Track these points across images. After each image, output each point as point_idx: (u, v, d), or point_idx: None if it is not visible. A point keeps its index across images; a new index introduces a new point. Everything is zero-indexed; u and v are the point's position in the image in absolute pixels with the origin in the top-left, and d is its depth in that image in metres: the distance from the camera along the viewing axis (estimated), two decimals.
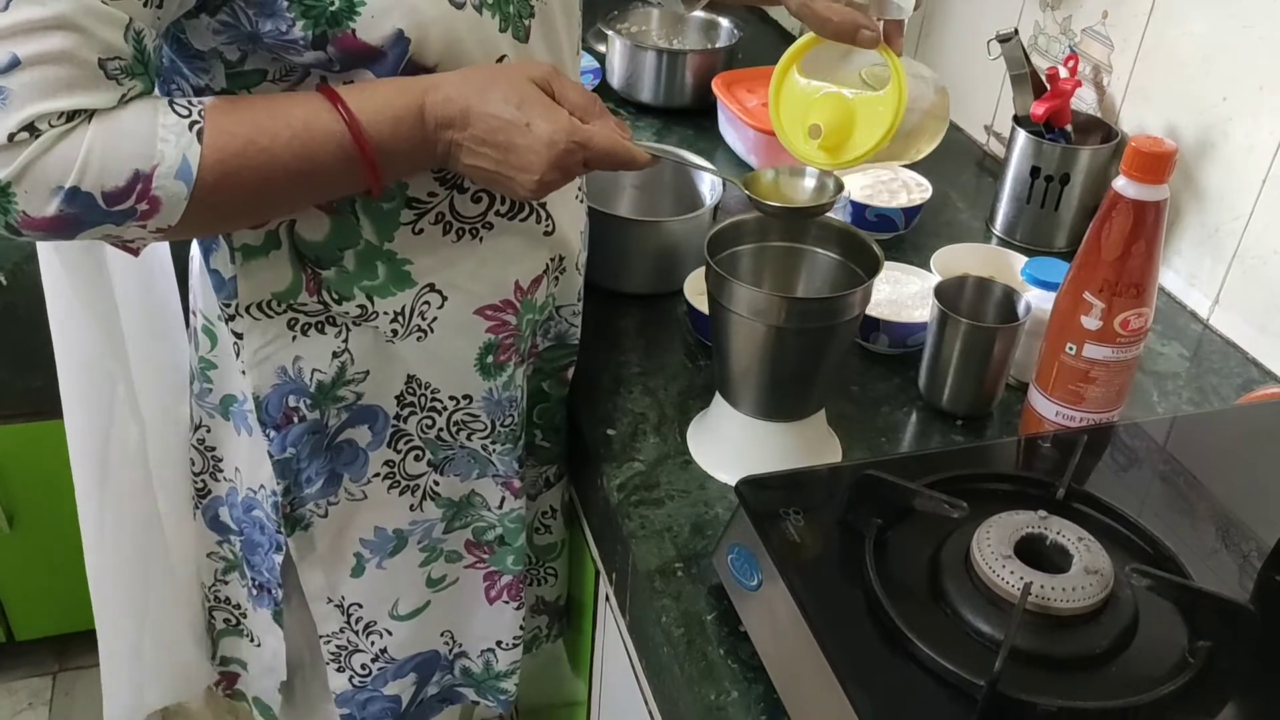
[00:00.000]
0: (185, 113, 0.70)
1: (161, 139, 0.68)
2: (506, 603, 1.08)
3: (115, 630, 1.11)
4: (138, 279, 1.00)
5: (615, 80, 1.63)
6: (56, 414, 1.01)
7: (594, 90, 1.61)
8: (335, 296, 0.87)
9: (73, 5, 0.64)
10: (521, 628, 1.11)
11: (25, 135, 0.64)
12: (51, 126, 0.65)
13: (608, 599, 1.06)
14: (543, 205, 0.90)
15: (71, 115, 0.66)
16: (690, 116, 1.60)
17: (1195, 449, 0.93)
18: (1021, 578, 0.70)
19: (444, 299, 0.89)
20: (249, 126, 0.72)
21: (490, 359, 0.93)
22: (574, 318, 1.02)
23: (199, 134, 0.69)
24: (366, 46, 0.74)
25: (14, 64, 0.64)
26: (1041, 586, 0.69)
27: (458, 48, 0.77)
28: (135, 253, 0.77)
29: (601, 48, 1.67)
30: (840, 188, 0.91)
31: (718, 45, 1.66)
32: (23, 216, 0.66)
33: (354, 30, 0.73)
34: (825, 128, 0.92)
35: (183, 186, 0.69)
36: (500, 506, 1.02)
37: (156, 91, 0.73)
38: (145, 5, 0.67)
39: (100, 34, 0.65)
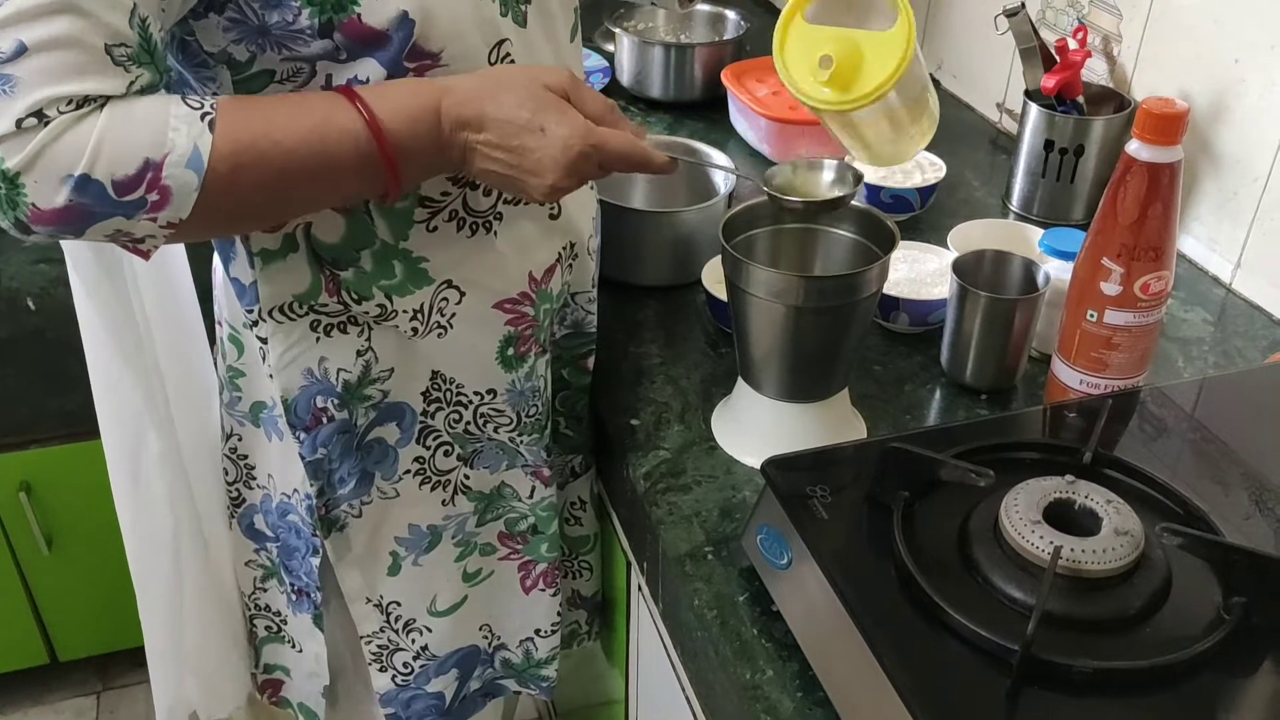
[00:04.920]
0: (198, 105, 0.70)
1: (173, 128, 0.68)
2: (543, 590, 1.09)
3: (159, 639, 1.12)
4: (158, 292, 1.00)
5: (625, 78, 1.64)
6: (91, 435, 1.02)
7: (603, 89, 1.62)
8: (355, 297, 0.87)
9: None
10: (559, 613, 1.11)
11: (34, 121, 0.64)
12: (61, 113, 0.64)
13: (640, 589, 1.06)
14: None
15: (82, 102, 0.65)
16: (701, 110, 1.61)
17: (1223, 410, 0.92)
18: (1051, 542, 0.70)
19: (462, 294, 0.90)
20: (263, 120, 0.72)
21: (511, 351, 0.94)
22: (590, 305, 1.03)
23: (210, 124, 0.69)
24: (372, 30, 0.74)
25: (21, 50, 0.63)
26: (1072, 550, 0.69)
27: (460, 30, 0.78)
28: (146, 255, 0.76)
29: (610, 46, 1.68)
30: (859, 179, 0.90)
31: (725, 38, 1.67)
32: (32, 210, 0.65)
33: (359, 14, 0.73)
34: (835, 60, 0.89)
35: (193, 176, 0.68)
36: (531, 496, 1.03)
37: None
38: None
39: (105, 19, 0.65)
